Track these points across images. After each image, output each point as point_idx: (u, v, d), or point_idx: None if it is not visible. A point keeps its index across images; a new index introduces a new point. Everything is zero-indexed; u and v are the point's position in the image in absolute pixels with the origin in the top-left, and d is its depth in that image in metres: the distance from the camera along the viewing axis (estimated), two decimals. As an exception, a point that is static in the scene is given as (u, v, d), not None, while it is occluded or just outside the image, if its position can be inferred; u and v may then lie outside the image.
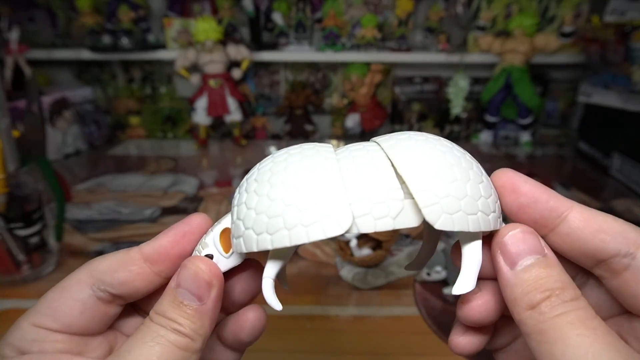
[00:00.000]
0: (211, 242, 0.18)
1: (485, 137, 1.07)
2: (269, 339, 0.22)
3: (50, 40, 1.04)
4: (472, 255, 0.18)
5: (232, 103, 1.00)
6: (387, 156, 0.17)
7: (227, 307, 0.21)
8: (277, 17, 1.02)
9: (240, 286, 0.20)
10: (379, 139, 0.19)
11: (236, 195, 0.18)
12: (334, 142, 1.07)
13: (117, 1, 0.99)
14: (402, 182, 0.16)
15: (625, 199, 0.74)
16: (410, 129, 1.10)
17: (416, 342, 0.42)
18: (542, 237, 0.17)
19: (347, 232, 0.16)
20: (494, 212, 0.17)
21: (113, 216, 0.68)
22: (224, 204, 0.72)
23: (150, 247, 0.19)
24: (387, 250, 0.52)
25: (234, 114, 1.01)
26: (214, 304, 0.17)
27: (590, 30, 0.91)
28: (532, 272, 0.16)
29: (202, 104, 1.00)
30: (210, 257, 0.18)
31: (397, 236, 0.56)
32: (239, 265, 0.19)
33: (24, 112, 0.75)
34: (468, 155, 0.19)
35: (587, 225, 0.17)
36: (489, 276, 0.19)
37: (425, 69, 1.07)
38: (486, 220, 0.17)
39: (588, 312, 0.15)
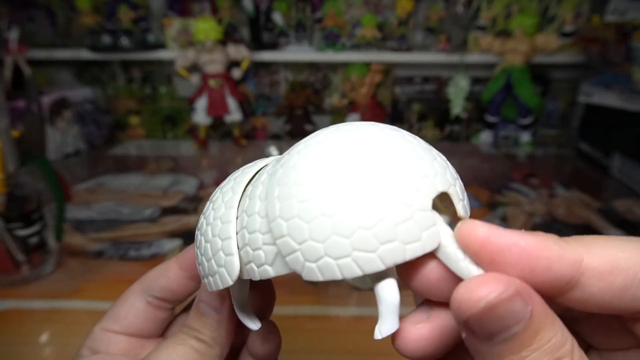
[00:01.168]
0: None
1: (485, 137, 1.07)
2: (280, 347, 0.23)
3: (49, 40, 1.04)
4: (385, 298, 0.14)
5: (232, 103, 1.00)
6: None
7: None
8: (277, 17, 1.02)
9: (256, 301, 0.21)
10: (279, 160, 0.16)
11: None
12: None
13: (117, 1, 0.98)
14: None
15: (626, 199, 0.74)
16: (410, 129, 1.09)
17: (416, 343, 0.42)
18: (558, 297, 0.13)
19: (241, 278, 0.16)
20: (391, 241, 0.13)
21: (113, 216, 0.67)
22: (224, 204, 0.72)
23: (183, 256, 0.22)
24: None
25: (234, 114, 1.01)
26: (228, 315, 0.19)
27: (591, 30, 0.91)
28: (514, 349, 0.12)
29: (202, 104, 1.00)
30: None
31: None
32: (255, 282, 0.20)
33: (23, 112, 0.75)
34: (382, 155, 0.14)
35: (609, 283, 0.12)
36: (435, 299, 0.15)
37: (425, 69, 1.07)
38: (370, 260, 0.13)
39: None
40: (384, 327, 0.14)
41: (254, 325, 0.18)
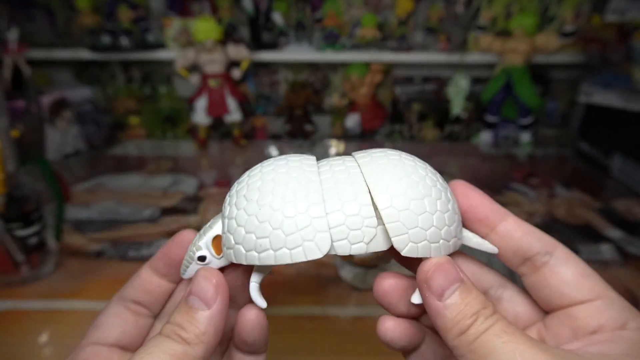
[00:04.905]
0: (204, 246, 0.20)
1: (485, 137, 1.07)
2: (269, 339, 0.22)
3: (49, 40, 1.04)
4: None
5: (231, 103, 1.00)
6: (365, 180, 0.19)
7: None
8: (277, 17, 1.01)
9: (246, 294, 0.22)
10: (360, 157, 0.20)
11: (226, 205, 0.20)
12: (334, 142, 1.07)
13: (117, 1, 0.98)
14: (376, 207, 0.18)
15: (626, 199, 0.74)
16: (410, 129, 1.09)
17: (416, 343, 0.42)
18: (486, 236, 0.21)
19: (325, 255, 0.18)
20: (455, 237, 0.19)
21: (112, 216, 0.67)
22: (224, 204, 0.72)
23: (152, 258, 0.23)
24: (387, 251, 0.52)
25: (234, 114, 1.01)
26: (219, 309, 0.19)
27: (591, 30, 0.91)
28: (457, 301, 0.17)
29: (201, 104, 1.00)
30: (204, 257, 0.20)
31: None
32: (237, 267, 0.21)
33: (22, 112, 0.75)
34: (439, 179, 0.20)
35: (519, 228, 0.20)
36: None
37: (425, 69, 1.07)
38: (447, 246, 0.19)
39: (505, 321, 0.17)
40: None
41: (263, 303, 0.20)
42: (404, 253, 0.18)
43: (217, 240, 0.20)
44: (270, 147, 1.03)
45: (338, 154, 0.99)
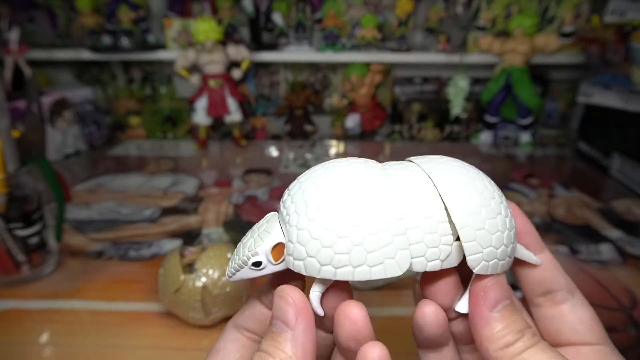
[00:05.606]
0: (262, 252, 0.19)
1: (485, 137, 1.07)
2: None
3: (50, 41, 1.04)
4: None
5: (232, 103, 1.00)
6: (439, 193, 0.18)
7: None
8: (277, 18, 1.02)
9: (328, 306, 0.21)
10: (428, 167, 0.19)
11: (292, 212, 0.18)
12: (333, 142, 1.07)
13: (117, 1, 0.99)
14: (450, 221, 0.18)
15: (625, 200, 0.74)
16: (410, 129, 1.10)
17: (416, 343, 0.42)
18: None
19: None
20: (515, 253, 0.20)
21: (113, 216, 0.68)
22: (224, 204, 0.72)
23: (261, 288, 0.22)
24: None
25: (234, 114, 1.01)
26: (302, 329, 0.18)
27: (590, 30, 0.91)
28: (506, 315, 0.18)
29: (202, 104, 1.00)
30: (259, 263, 0.19)
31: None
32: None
33: (24, 113, 0.75)
34: (502, 195, 0.20)
35: (553, 263, 0.22)
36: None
37: (425, 69, 1.07)
38: (509, 263, 0.19)
39: (546, 342, 0.18)
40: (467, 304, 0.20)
41: (322, 312, 0.19)
42: (476, 271, 0.18)
43: (277, 249, 0.19)
44: (270, 148, 1.03)
45: (338, 155, 0.99)
